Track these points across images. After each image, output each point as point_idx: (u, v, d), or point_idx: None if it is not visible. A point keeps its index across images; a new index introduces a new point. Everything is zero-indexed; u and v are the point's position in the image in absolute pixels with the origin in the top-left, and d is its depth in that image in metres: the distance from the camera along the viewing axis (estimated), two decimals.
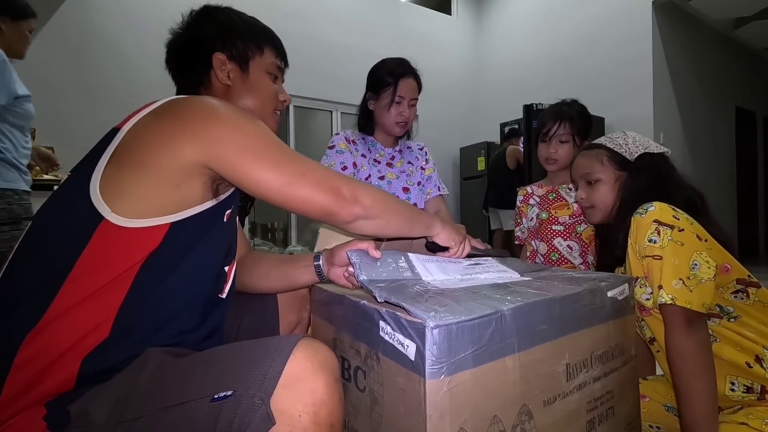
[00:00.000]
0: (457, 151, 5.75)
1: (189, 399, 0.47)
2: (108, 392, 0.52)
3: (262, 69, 0.85)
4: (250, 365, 0.49)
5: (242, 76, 0.83)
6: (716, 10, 4.60)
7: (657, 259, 0.84)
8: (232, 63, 0.82)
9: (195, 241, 0.65)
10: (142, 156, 0.60)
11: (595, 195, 1.07)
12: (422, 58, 1.63)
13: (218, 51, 0.81)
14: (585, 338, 0.71)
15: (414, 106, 1.53)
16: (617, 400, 0.76)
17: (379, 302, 0.63)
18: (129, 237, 0.58)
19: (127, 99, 3.53)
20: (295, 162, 0.66)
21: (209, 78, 0.82)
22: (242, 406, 0.46)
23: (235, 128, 0.64)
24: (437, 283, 0.73)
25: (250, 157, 0.63)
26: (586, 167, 1.08)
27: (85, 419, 0.50)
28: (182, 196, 0.62)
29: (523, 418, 0.59)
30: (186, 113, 0.64)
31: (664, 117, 4.31)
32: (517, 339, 0.59)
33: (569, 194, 1.47)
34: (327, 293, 0.80)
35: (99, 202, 0.58)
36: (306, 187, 0.65)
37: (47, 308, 0.54)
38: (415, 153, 1.69)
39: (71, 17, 3.34)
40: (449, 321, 0.51)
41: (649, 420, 1.00)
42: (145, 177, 0.59)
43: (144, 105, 0.69)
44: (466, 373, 0.52)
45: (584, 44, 4.76)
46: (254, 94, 0.84)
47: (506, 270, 0.86)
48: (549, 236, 1.47)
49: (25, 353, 0.52)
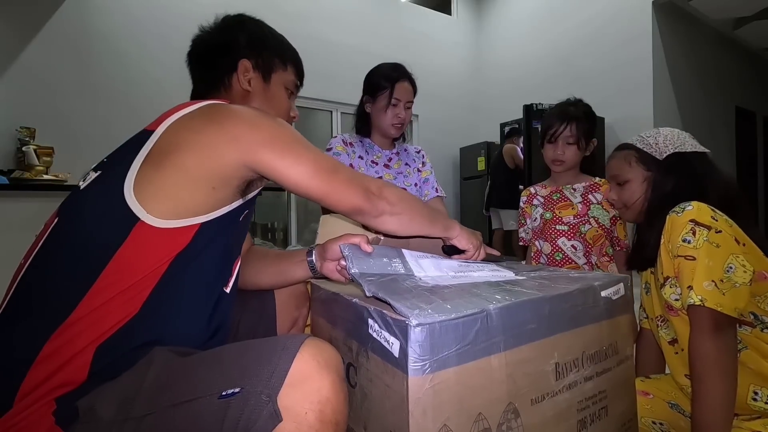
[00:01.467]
0: (457, 151, 5.75)
1: (197, 396, 0.48)
2: (115, 390, 0.53)
3: (281, 83, 0.89)
4: (257, 363, 0.50)
5: (263, 86, 0.86)
6: (716, 10, 4.59)
7: (689, 259, 0.82)
8: (256, 72, 0.85)
9: (218, 239, 0.68)
10: (182, 159, 0.62)
11: (625, 195, 1.06)
12: (422, 58, 1.66)
13: (245, 57, 0.84)
14: (576, 338, 0.71)
15: (409, 109, 1.59)
16: (611, 400, 0.76)
17: (368, 297, 0.64)
18: (162, 237, 0.60)
19: (127, 99, 3.54)
20: (328, 159, 0.73)
21: (230, 80, 0.84)
22: (250, 404, 0.47)
23: (274, 133, 0.68)
24: (428, 279, 0.74)
25: (291, 156, 0.68)
26: (615, 168, 1.08)
27: (92, 415, 0.51)
28: (216, 197, 0.65)
29: (509, 417, 0.59)
30: (228, 119, 0.67)
31: (664, 117, 4.31)
32: (504, 338, 0.59)
33: (573, 194, 1.48)
34: (324, 291, 0.82)
35: (134, 204, 0.59)
36: (340, 183, 0.71)
37: (76, 306, 0.55)
38: (412, 155, 1.72)
39: (71, 17, 3.35)
40: (432, 319, 0.51)
41: (652, 416, 0.99)
42: (183, 179, 0.61)
43: (176, 107, 0.71)
44: (449, 370, 0.53)
45: (584, 44, 4.76)
46: (271, 105, 0.87)
47: (500, 269, 0.86)
48: (553, 236, 1.47)
49: (48, 349, 0.53)
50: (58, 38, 3.28)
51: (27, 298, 0.58)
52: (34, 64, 3.18)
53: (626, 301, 0.82)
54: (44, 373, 0.53)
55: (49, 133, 3.05)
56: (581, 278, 0.80)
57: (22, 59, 3.14)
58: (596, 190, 1.47)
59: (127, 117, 3.49)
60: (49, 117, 3.17)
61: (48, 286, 0.57)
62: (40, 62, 3.20)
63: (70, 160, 3.13)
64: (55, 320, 0.54)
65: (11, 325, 0.56)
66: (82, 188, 0.66)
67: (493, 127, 5.15)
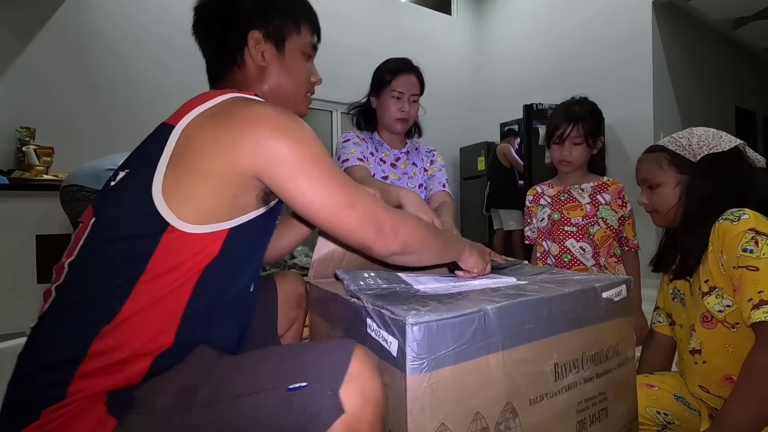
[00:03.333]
0: (457, 151, 5.75)
1: (263, 389, 0.52)
2: (170, 382, 0.55)
3: (297, 49, 0.81)
4: (320, 361, 0.54)
5: (278, 57, 0.79)
6: (716, 10, 4.59)
7: (752, 269, 0.80)
8: (268, 43, 0.77)
9: (249, 244, 0.68)
10: (200, 162, 0.60)
11: (657, 200, 1.02)
12: (422, 58, 1.64)
13: (254, 28, 0.76)
14: (576, 338, 0.71)
15: (416, 102, 1.53)
16: (611, 401, 0.76)
17: None
18: (193, 242, 0.60)
19: (127, 99, 3.54)
20: (346, 190, 0.65)
21: (243, 57, 0.77)
22: (314, 396, 0.50)
23: (294, 148, 0.62)
24: (428, 290, 0.74)
25: (304, 181, 0.62)
26: (646, 172, 1.04)
27: (148, 405, 0.53)
28: (239, 204, 0.63)
29: (507, 416, 0.59)
30: (247, 123, 0.61)
31: (664, 117, 4.30)
32: (501, 337, 0.59)
33: (582, 195, 1.45)
34: (323, 291, 0.82)
35: (164, 208, 0.58)
36: (352, 219, 0.65)
37: (121, 308, 0.56)
38: (422, 155, 1.67)
39: (71, 17, 3.35)
40: (429, 318, 0.51)
41: (657, 407, 0.99)
42: (204, 185, 0.60)
43: (197, 99, 0.67)
44: (447, 369, 0.53)
45: (584, 44, 4.76)
46: (290, 78, 0.80)
47: (502, 276, 0.86)
48: (561, 237, 1.45)
49: (98, 345, 0.55)
50: (58, 38, 3.28)
51: (72, 296, 0.59)
52: (34, 64, 3.18)
53: (628, 302, 0.81)
54: (96, 369, 0.55)
55: (49, 133, 3.05)
56: (583, 279, 0.80)
57: (22, 59, 3.14)
58: (605, 191, 1.45)
59: (127, 117, 3.49)
60: (49, 117, 3.17)
61: (92, 286, 0.58)
62: (40, 62, 3.20)
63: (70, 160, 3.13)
64: (102, 320, 0.56)
65: (59, 322, 0.57)
66: (111, 186, 0.65)
67: (493, 127, 5.16)
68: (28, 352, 0.58)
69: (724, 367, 0.90)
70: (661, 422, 0.98)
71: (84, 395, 0.53)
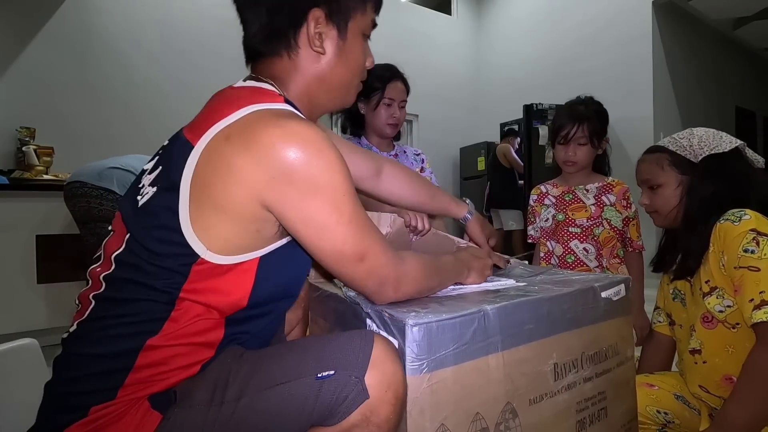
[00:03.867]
0: (457, 151, 5.74)
1: (293, 379, 0.55)
2: (206, 378, 0.58)
3: (359, 31, 0.71)
4: (344, 350, 0.56)
5: (338, 42, 0.68)
6: (716, 10, 4.59)
7: (753, 270, 0.80)
8: (330, 24, 0.66)
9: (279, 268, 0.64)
10: (218, 195, 0.56)
11: (658, 200, 1.02)
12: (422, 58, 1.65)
13: (316, 5, 0.65)
14: (575, 338, 0.71)
15: (403, 108, 1.60)
16: (611, 401, 0.76)
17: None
18: (224, 272, 0.58)
19: (127, 99, 3.54)
20: (359, 242, 0.60)
21: (296, 39, 0.66)
22: (342, 383, 0.54)
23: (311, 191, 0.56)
24: None
25: (316, 231, 0.58)
26: (647, 172, 1.03)
27: (189, 400, 0.56)
28: (263, 238, 0.60)
29: (507, 416, 0.59)
30: (262, 152, 0.55)
31: (664, 117, 4.31)
32: (501, 338, 0.59)
33: (586, 195, 1.44)
34: (323, 292, 0.82)
35: (193, 239, 0.56)
36: (358, 274, 0.62)
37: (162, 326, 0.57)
38: (410, 159, 1.71)
39: (71, 17, 3.35)
40: (429, 319, 0.51)
41: (657, 406, 0.99)
42: (225, 218, 0.56)
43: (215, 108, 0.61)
44: (446, 370, 0.53)
45: (584, 44, 4.76)
46: (347, 66, 0.70)
47: (500, 279, 0.86)
48: (565, 238, 1.44)
49: (145, 358, 0.56)
50: (58, 38, 3.28)
51: (114, 309, 0.58)
52: (34, 64, 3.18)
53: (627, 302, 0.81)
54: (143, 378, 0.56)
55: (49, 133, 3.05)
56: (582, 279, 0.80)
57: (22, 59, 3.14)
58: (609, 191, 1.44)
59: (126, 117, 3.49)
60: (49, 117, 3.17)
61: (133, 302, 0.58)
62: (40, 62, 3.20)
63: (70, 160, 3.13)
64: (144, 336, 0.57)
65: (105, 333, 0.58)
66: (140, 202, 0.61)
67: (493, 127, 5.15)
68: (71, 359, 0.59)
69: (724, 368, 0.91)
70: (661, 421, 0.98)
71: (132, 397, 0.56)
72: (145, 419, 0.55)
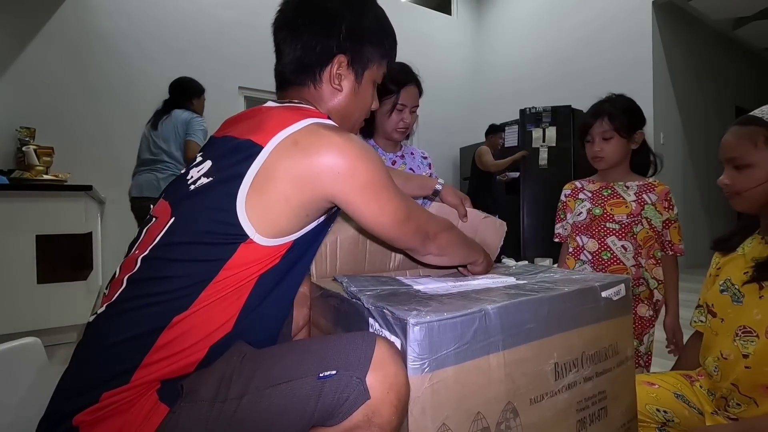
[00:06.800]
0: (457, 151, 5.75)
1: (295, 378, 0.56)
2: (212, 374, 0.60)
3: (372, 79, 0.83)
4: (346, 351, 0.58)
5: (354, 85, 0.80)
6: (716, 10, 4.59)
7: None
8: (350, 69, 0.79)
9: (305, 250, 0.73)
10: (282, 188, 0.64)
11: (743, 181, 0.88)
12: (422, 58, 1.63)
13: (342, 52, 0.77)
14: (575, 338, 0.71)
15: (415, 113, 1.55)
16: (611, 400, 0.77)
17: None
18: (264, 252, 0.65)
19: (127, 99, 3.55)
20: (404, 207, 0.72)
21: (321, 75, 0.77)
22: (343, 383, 0.55)
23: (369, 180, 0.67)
24: (428, 290, 0.74)
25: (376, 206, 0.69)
26: (734, 149, 0.89)
27: (195, 395, 0.57)
28: (308, 220, 0.69)
29: (508, 416, 0.59)
30: (330, 154, 0.65)
31: (664, 117, 4.31)
32: (502, 337, 0.59)
33: (626, 192, 1.37)
34: (324, 291, 0.82)
35: (246, 222, 0.62)
36: (408, 231, 0.74)
37: (191, 304, 0.61)
38: (418, 161, 1.67)
39: (71, 17, 3.35)
40: (431, 318, 0.51)
41: (657, 404, 0.98)
42: (285, 208, 0.64)
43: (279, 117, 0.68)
44: (448, 369, 0.53)
45: (584, 44, 4.76)
46: (357, 106, 0.83)
47: (500, 276, 0.86)
48: (602, 234, 1.37)
49: (167, 336, 0.59)
50: (58, 38, 3.28)
51: (146, 289, 0.62)
52: (34, 64, 3.18)
53: (627, 301, 0.81)
54: (158, 359, 0.59)
55: (49, 133, 3.05)
56: (582, 279, 0.80)
57: (22, 59, 3.14)
58: (651, 191, 1.36)
59: (126, 117, 3.49)
60: (49, 117, 3.17)
61: (168, 281, 0.62)
62: (40, 62, 3.20)
63: (70, 160, 3.13)
64: (171, 314, 0.60)
65: (133, 312, 0.61)
66: (192, 190, 0.68)
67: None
68: (94, 339, 0.61)
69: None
70: (661, 420, 0.97)
71: (144, 381, 0.57)
72: (153, 411, 0.56)
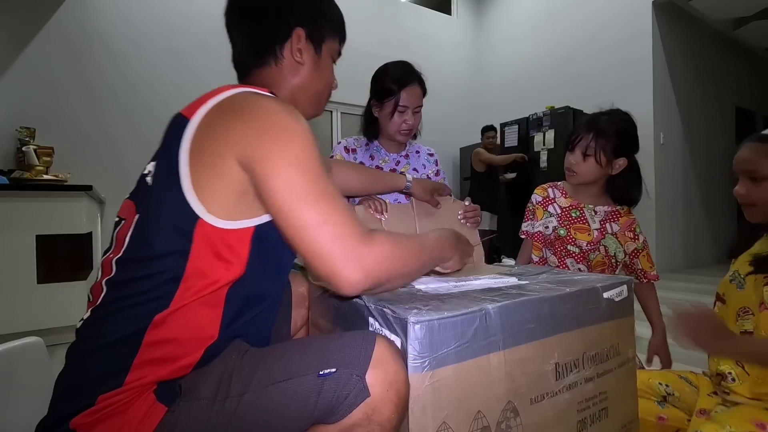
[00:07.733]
0: (457, 151, 5.75)
1: (295, 375, 0.56)
2: (211, 373, 0.59)
3: (329, 53, 0.85)
4: (346, 349, 0.58)
5: (314, 58, 0.81)
6: (716, 10, 4.59)
7: None
8: (308, 42, 0.80)
9: (275, 242, 0.66)
10: (214, 161, 0.60)
11: (759, 194, 0.90)
12: (422, 58, 1.61)
13: (300, 25, 0.78)
14: (576, 338, 0.71)
15: (418, 113, 1.50)
16: (611, 401, 0.76)
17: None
18: (224, 240, 0.61)
19: (126, 99, 3.54)
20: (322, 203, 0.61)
21: (282, 51, 0.78)
22: (343, 381, 0.55)
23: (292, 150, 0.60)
24: (429, 289, 0.74)
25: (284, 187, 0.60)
26: (752, 162, 0.90)
27: (194, 394, 0.57)
28: (256, 204, 0.62)
29: (508, 415, 0.59)
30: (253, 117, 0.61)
31: (664, 117, 4.30)
32: (503, 337, 0.59)
33: (593, 217, 1.37)
34: (324, 291, 0.82)
35: (194, 201, 0.59)
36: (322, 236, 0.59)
37: (170, 302, 0.59)
38: (423, 159, 1.63)
39: (71, 18, 3.35)
40: (431, 317, 0.51)
41: (659, 379, 1.00)
42: (221, 184, 0.60)
43: (210, 92, 0.67)
44: (448, 368, 0.53)
45: (584, 44, 4.76)
46: (320, 78, 0.83)
47: (502, 276, 0.86)
48: (562, 254, 1.40)
49: (152, 335, 0.58)
50: (58, 38, 3.28)
51: (123, 290, 0.60)
52: (34, 64, 3.18)
53: (629, 303, 0.81)
54: (149, 360, 0.58)
55: (49, 133, 3.05)
56: (584, 280, 0.80)
57: (22, 59, 3.14)
58: (615, 220, 1.37)
59: (126, 117, 3.49)
60: (49, 117, 3.17)
61: (141, 281, 0.60)
62: (40, 62, 3.20)
63: (70, 160, 3.13)
64: (152, 313, 0.58)
65: (115, 314, 0.60)
66: (148, 182, 0.65)
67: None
68: (83, 343, 0.60)
69: None
70: (662, 393, 0.99)
71: (139, 384, 0.56)
72: (150, 411, 0.56)
